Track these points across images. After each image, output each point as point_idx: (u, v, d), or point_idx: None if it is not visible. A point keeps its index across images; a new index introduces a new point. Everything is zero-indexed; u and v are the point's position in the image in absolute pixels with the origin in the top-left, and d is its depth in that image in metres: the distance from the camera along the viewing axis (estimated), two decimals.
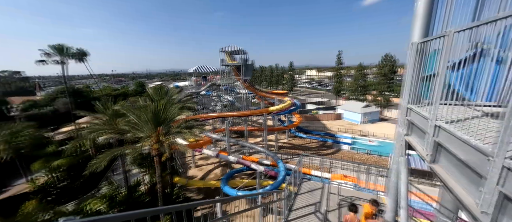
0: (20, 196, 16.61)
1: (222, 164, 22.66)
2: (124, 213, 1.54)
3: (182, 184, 17.63)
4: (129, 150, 10.66)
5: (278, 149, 26.81)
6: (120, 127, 12.49)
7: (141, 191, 14.68)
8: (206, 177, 20.62)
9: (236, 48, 26.48)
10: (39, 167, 17.94)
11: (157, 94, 16.28)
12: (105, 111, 14.22)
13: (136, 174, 18.19)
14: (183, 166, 22.79)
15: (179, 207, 2.25)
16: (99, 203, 11.99)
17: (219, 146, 25.50)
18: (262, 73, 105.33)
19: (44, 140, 21.84)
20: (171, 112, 10.42)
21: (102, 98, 22.52)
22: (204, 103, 32.67)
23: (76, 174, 18.29)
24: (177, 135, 11.07)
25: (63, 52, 23.34)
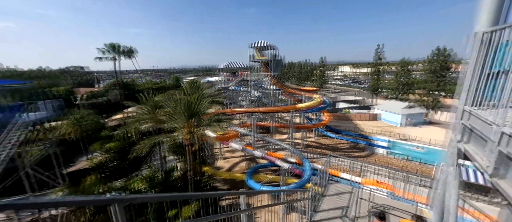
0: (83, 170, 20.02)
1: (248, 158, 23.22)
2: (162, 194, 1.72)
3: (210, 173, 18.74)
4: (165, 138, 11.79)
5: (305, 148, 26.10)
6: (159, 117, 13.84)
7: (175, 176, 16.15)
8: (232, 169, 21.47)
9: (266, 43, 26.40)
10: (96, 148, 21.23)
11: (191, 88, 17.46)
12: (147, 103, 15.95)
13: (171, 161, 20.05)
14: (212, 157, 24.15)
15: (207, 195, 2.41)
16: (141, 183, 13.67)
17: (245, 140, 26.16)
18: (291, 69, 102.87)
19: (100, 125, 25.68)
20: (202, 105, 11.08)
21: (144, 91, 25.31)
22: (233, 98, 33.71)
23: (123, 156, 21.11)
24: (207, 127, 11.75)
25: (115, 50, 26.83)
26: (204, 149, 20.88)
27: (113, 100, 42.92)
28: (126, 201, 1.32)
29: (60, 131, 20.92)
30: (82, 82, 73.41)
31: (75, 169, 20.99)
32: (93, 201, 1.22)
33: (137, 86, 53.71)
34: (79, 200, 1.12)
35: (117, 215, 1.31)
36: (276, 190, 5.08)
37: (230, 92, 34.31)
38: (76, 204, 1.12)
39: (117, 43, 27.27)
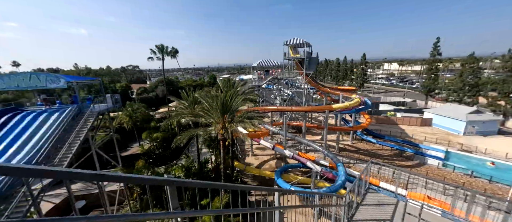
0: (135, 155, 23.28)
1: (277, 157, 23.08)
2: (206, 182, 1.85)
3: (240, 168, 19.37)
4: (201, 132, 12.70)
5: (339, 151, 24.42)
6: (196, 112, 14.97)
7: (208, 168, 17.27)
8: (261, 166, 21.71)
9: (300, 41, 25.56)
10: (145, 136, 24.35)
11: (226, 86, 18.29)
12: (187, 98, 17.44)
13: (205, 153, 21.52)
14: (242, 152, 24.89)
15: (245, 187, 2.45)
16: (179, 171, 15.10)
17: (275, 139, 26.04)
18: (327, 67, 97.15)
19: (149, 117, 29.33)
20: (235, 102, 11.47)
21: (185, 87, 27.76)
22: (265, 96, 33.92)
23: (166, 146, 23.64)
24: (239, 123, 12.13)
25: (163, 51, 30.11)
26: (235, 145, 21.69)
27: (160, 95, 48.37)
28: (178, 183, 1.51)
29: (118, 120, 24.75)
30: (136, 79, 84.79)
31: (129, 153, 24.58)
32: (153, 180, 1.39)
33: (179, 83, 59.11)
34: (142, 177, 1.29)
35: (169, 194, 1.51)
36: (310, 192, 4.89)
37: (262, 90, 34.59)
38: (139, 181, 1.29)
39: (164, 45, 30.60)
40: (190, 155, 20.25)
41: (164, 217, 1.56)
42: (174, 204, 1.56)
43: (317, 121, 35.91)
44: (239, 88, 17.76)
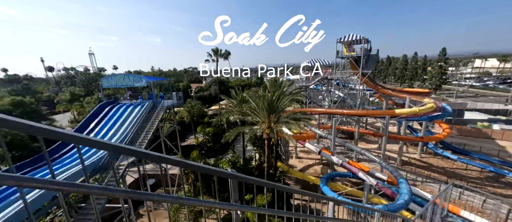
0: (191, 146, 26.60)
1: (323, 162, 21.61)
2: (262, 180, 1.94)
3: (283, 169, 19.17)
4: (247, 130, 13.27)
5: (402, 164, 20.68)
6: (244, 110, 15.75)
7: (252, 165, 17.89)
8: (305, 170, 20.83)
9: (357, 37, 22.96)
10: (200, 130, 27.42)
11: (273, 86, 18.46)
12: (235, 97, 18.60)
13: (250, 150, 22.39)
14: (286, 154, 24.56)
15: (292, 190, 2.42)
16: (226, 164, 16.28)
17: (322, 143, 24.43)
18: (390, 66, 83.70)
19: (203, 113, 32.90)
20: (282, 103, 11.42)
21: (235, 87, 29.68)
22: (313, 97, 32.32)
23: (216, 140, 25.94)
24: (285, 124, 12.01)
25: (217, 53, 33.16)
26: (280, 145, 21.62)
27: (212, 94, 53.50)
28: (239, 178, 1.65)
29: (180, 115, 28.83)
30: (195, 79, 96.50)
31: (186, 144, 28.32)
32: (219, 172, 1.55)
33: (229, 83, 63.63)
34: (210, 168, 1.46)
35: (232, 187, 1.67)
36: (370, 208, 4.27)
37: (310, 91, 33.07)
38: (207, 170, 1.47)
39: (218, 48, 33.70)
40: (236, 151, 21.51)
41: (228, 207, 1.71)
42: (235, 197, 1.69)
43: (374, 127, 31.53)
44: (286, 89, 17.57)
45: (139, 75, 16.87)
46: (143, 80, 16.12)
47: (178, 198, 1.37)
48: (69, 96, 38.40)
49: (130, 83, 16.17)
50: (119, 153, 1.20)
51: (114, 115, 15.72)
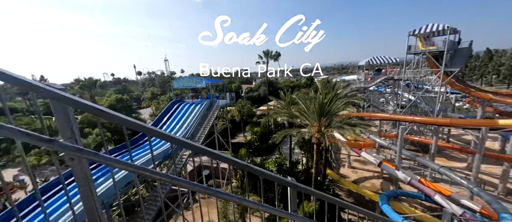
0: (240, 143, 28.25)
1: (384, 177, 18.52)
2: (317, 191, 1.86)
3: (333, 178, 17.63)
4: (295, 132, 12.91)
5: (505, 194, 15.31)
6: (292, 112, 15.43)
7: (299, 169, 17.29)
8: (359, 182, 18.45)
9: (438, 27, 18.48)
10: (248, 129, 28.74)
11: (324, 87, 17.28)
12: (284, 99, 18.45)
13: (297, 153, 21.72)
14: (337, 161, 22.47)
15: (334, 200, 2.19)
16: (272, 165, 16.38)
17: (383, 154, 21.02)
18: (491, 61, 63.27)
19: (252, 113, 34.31)
20: (335, 106, 10.51)
21: (283, 88, 29.48)
22: (373, 100, 28.29)
23: (263, 140, 26.53)
24: (338, 129, 10.99)
25: (268, 55, 33.88)
26: (330, 151, 20.01)
27: (262, 94, 55.05)
28: (299, 188, 1.62)
29: (231, 114, 31.09)
30: (245, 80, 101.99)
31: (235, 141, 30.26)
32: (278, 179, 1.57)
33: (278, 84, 63.83)
34: (267, 172, 1.50)
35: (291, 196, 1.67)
36: None
37: (369, 93, 29.04)
38: (264, 175, 1.52)
39: (269, 50, 34.39)
40: (283, 153, 21.31)
41: (286, 216, 1.71)
42: (293, 207, 1.67)
43: (461, 141, 24.68)
44: (340, 91, 16.08)
45: (200, 78, 19.29)
46: (203, 82, 18.35)
47: (241, 199, 1.45)
48: (150, 95, 48.03)
49: (193, 84, 18.72)
50: (182, 146, 1.37)
51: (181, 111, 18.53)
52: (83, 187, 1.03)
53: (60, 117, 0.94)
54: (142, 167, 1.14)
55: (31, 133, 0.83)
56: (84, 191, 1.05)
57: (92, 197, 1.08)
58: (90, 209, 1.10)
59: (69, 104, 0.92)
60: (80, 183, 1.01)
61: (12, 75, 0.85)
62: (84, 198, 1.06)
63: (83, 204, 1.08)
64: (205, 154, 1.52)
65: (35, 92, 0.85)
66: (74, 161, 0.95)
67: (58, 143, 0.89)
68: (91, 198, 1.07)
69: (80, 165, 0.99)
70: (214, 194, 1.49)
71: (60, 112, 0.93)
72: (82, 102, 0.93)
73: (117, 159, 1.03)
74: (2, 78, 0.87)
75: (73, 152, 0.92)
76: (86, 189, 1.04)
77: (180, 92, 30.96)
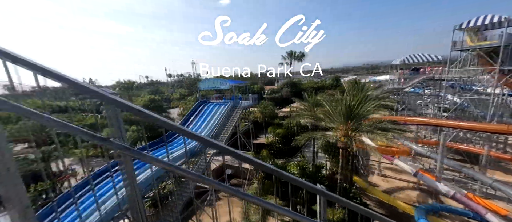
0: (261, 144, 28.29)
1: (420, 188, 16.62)
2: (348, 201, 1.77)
3: (361, 186, 16.46)
4: (319, 135, 12.40)
5: None
6: (316, 114, 14.89)
7: (323, 174, 16.57)
8: (391, 192, 16.85)
9: (493, 19, 15.92)
10: (270, 130, 28.63)
11: (352, 88, 16.30)
12: (308, 100, 17.91)
13: (321, 157, 20.86)
14: (365, 168, 20.93)
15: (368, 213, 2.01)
16: (294, 168, 16.02)
17: (420, 162, 18.90)
18: None
19: (275, 114, 34.09)
20: (364, 108, 9.82)
21: (307, 89, 28.66)
22: (408, 103, 25.67)
23: (285, 142, 26.12)
24: (367, 133, 10.24)
25: (291, 56, 33.37)
26: (358, 157, 18.75)
27: (284, 96, 54.45)
28: (328, 196, 1.56)
29: (254, 115, 31.36)
30: (268, 81, 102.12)
31: (257, 142, 30.40)
32: (308, 186, 1.54)
33: (301, 85, 62.40)
34: (294, 178, 1.48)
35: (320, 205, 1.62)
36: None
37: (404, 95, 26.42)
38: (291, 180, 1.49)
39: (293, 51, 33.85)
40: (305, 156, 20.68)
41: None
42: (323, 216, 1.61)
43: None
44: (371, 92, 14.98)
45: (224, 79, 19.94)
46: (227, 83, 18.92)
47: (266, 202, 1.45)
48: (178, 96, 51.34)
49: (218, 86, 19.44)
50: (208, 145, 1.41)
51: (206, 112, 19.39)
52: (128, 179, 1.16)
53: (112, 118, 1.07)
54: (176, 166, 1.22)
55: (90, 132, 0.97)
56: (129, 183, 1.18)
57: (134, 188, 1.21)
58: (132, 197, 1.23)
59: (120, 107, 1.04)
60: (125, 176, 1.14)
61: (75, 81, 1.00)
62: (128, 188, 1.19)
63: (127, 193, 1.22)
64: (234, 156, 1.54)
65: (92, 96, 0.98)
66: (122, 158, 1.08)
67: (110, 142, 1.02)
68: (133, 189, 1.20)
69: (126, 161, 1.11)
70: (238, 195, 1.51)
71: (112, 114, 1.07)
72: (130, 106, 1.04)
73: (158, 158, 1.13)
74: (66, 83, 1.03)
75: (122, 150, 1.04)
76: (130, 181, 1.17)
77: (206, 93, 32.38)
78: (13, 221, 1.06)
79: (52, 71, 0.98)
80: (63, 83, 1.01)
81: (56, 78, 0.98)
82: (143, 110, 1.06)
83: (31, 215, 1.04)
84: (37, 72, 1.00)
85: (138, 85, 62.77)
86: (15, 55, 0.97)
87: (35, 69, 1.00)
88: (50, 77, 0.99)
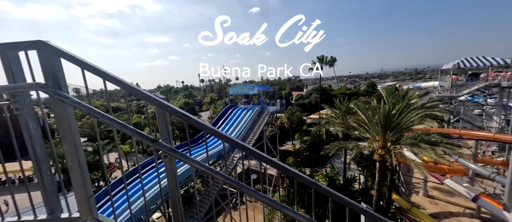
0: (288, 151, 27.67)
1: (482, 217, 13.80)
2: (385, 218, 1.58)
3: (401, 206, 14.57)
4: (352, 145, 11.50)
5: None
6: (349, 122, 13.91)
7: (355, 188, 15.23)
8: (441, 217, 14.42)
9: None
10: (297, 137, 27.85)
11: (391, 95, 14.77)
12: (339, 107, 16.90)
13: (353, 170, 19.28)
14: (406, 185, 18.48)
15: None
16: (322, 179, 15.13)
17: (480, 185, 15.79)
18: None
19: (302, 121, 33.13)
20: (407, 118, 8.76)
21: (338, 96, 27.08)
22: (463, 113, 21.98)
23: (313, 150, 25.04)
24: (410, 147, 9.07)
25: (322, 61, 32.21)
26: (398, 172, 16.74)
27: (313, 102, 52.60)
28: (376, 218, 1.40)
29: (281, 120, 31.00)
30: (296, 87, 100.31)
31: (283, 148, 29.84)
32: (351, 204, 1.44)
33: (332, 91, 59.50)
34: (337, 194, 1.38)
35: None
36: None
37: (458, 105, 22.70)
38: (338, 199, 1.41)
39: (324, 55, 32.66)
40: (335, 166, 19.38)
41: None
42: None
43: None
44: (415, 100, 13.33)
45: (252, 85, 20.31)
46: (255, 88, 19.25)
47: (292, 211, 1.39)
48: (209, 100, 54.28)
49: (246, 91, 19.92)
50: (238, 147, 1.42)
51: (234, 116, 19.99)
52: (170, 177, 1.28)
53: (161, 120, 1.19)
54: (215, 170, 1.28)
55: (142, 133, 1.09)
56: (171, 178, 1.29)
57: (176, 185, 1.31)
58: (173, 190, 1.36)
59: (168, 111, 1.15)
60: (169, 174, 1.26)
61: (133, 86, 1.15)
62: (170, 184, 1.31)
63: (169, 186, 1.34)
64: (266, 162, 1.52)
65: (146, 100, 1.12)
66: (167, 158, 1.19)
67: (159, 143, 1.13)
68: (174, 183, 1.31)
69: (171, 161, 1.22)
70: (265, 201, 1.47)
71: (162, 116, 1.19)
72: (177, 110, 1.15)
73: (199, 161, 1.20)
74: (126, 88, 1.18)
75: (167, 151, 1.14)
76: (172, 177, 1.28)
77: (234, 98, 33.42)
78: (79, 204, 1.25)
79: (116, 78, 1.14)
80: (123, 87, 1.17)
81: (118, 84, 1.15)
82: (187, 114, 1.15)
83: (93, 202, 1.22)
84: (104, 78, 1.18)
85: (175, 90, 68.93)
86: (90, 64, 1.16)
87: (102, 76, 1.18)
88: (113, 82, 1.16)
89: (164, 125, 1.20)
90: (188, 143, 1.59)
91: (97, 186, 19.38)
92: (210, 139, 15.04)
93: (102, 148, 21.90)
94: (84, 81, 1.24)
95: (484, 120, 22.45)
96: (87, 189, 1.22)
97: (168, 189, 1.33)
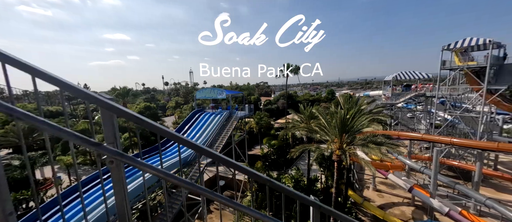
0: (256, 155, 27.94)
1: (417, 204, 16.52)
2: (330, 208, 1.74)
3: (355, 200, 16.26)
4: (314, 148, 12.39)
5: None
6: (311, 127, 14.98)
7: (317, 188, 16.35)
8: (386, 208, 16.67)
9: (478, 41, 16.89)
10: (265, 142, 28.43)
11: (347, 102, 16.60)
12: (303, 112, 18.07)
13: (315, 170, 20.68)
14: (360, 182, 20.80)
15: None
16: (289, 181, 15.77)
17: (414, 178, 18.96)
18: None
19: (270, 125, 34.06)
20: (358, 122, 9.96)
21: (303, 102, 28.98)
22: (401, 118, 26.22)
23: (280, 153, 25.93)
24: (361, 147, 10.30)
25: (287, 69, 34.03)
26: (352, 171, 18.70)
27: (280, 107, 54.80)
28: (323, 209, 1.53)
29: (249, 125, 31.24)
30: (264, 93, 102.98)
31: (252, 153, 30.03)
32: (301, 197, 1.51)
33: (297, 97, 63.16)
34: (288, 189, 1.44)
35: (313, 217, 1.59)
36: None
37: (397, 111, 27.02)
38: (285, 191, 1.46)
39: (289, 63, 34.58)
40: (300, 168, 20.47)
41: None
42: None
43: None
44: (364, 106, 15.27)
45: (221, 89, 20.03)
46: (223, 93, 19.00)
47: (262, 215, 1.41)
48: (174, 104, 50.95)
49: (214, 95, 19.47)
50: (203, 154, 1.38)
51: (201, 121, 19.24)
52: (117, 186, 1.12)
53: (106, 123, 1.05)
54: (171, 174, 1.19)
55: (82, 136, 0.94)
56: (118, 190, 1.13)
57: (124, 196, 1.16)
58: (121, 205, 1.19)
59: (116, 113, 1.03)
60: (116, 183, 1.11)
61: (71, 84, 0.99)
62: (117, 196, 1.15)
63: (116, 200, 1.17)
64: (230, 166, 1.52)
65: (89, 101, 0.98)
66: (113, 164, 1.05)
67: (103, 146, 0.99)
68: (123, 197, 1.16)
69: (118, 168, 1.08)
70: (236, 207, 1.46)
71: (107, 119, 1.05)
72: (127, 112, 1.03)
73: (151, 165, 1.10)
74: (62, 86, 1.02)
75: (114, 155, 1.01)
76: (120, 189, 1.13)
77: (202, 102, 32.21)
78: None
79: (47, 74, 0.96)
80: (58, 86, 1.00)
81: (52, 81, 0.98)
82: (139, 116, 1.05)
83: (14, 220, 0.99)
84: (34, 75, 0.99)
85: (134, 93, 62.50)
86: (13, 58, 0.97)
87: (30, 71, 0.99)
88: (46, 79, 0.98)
89: (111, 128, 1.07)
90: (139, 148, 1.45)
91: (26, 207, 15.72)
92: (174, 145, 14.08)
93: (36, 161, 18.02)
94: (5, 77, 1.02)
95: (415, 123, 27.22)
96: (6, 206, 0.99)
97: (115, 202, 1.16)
